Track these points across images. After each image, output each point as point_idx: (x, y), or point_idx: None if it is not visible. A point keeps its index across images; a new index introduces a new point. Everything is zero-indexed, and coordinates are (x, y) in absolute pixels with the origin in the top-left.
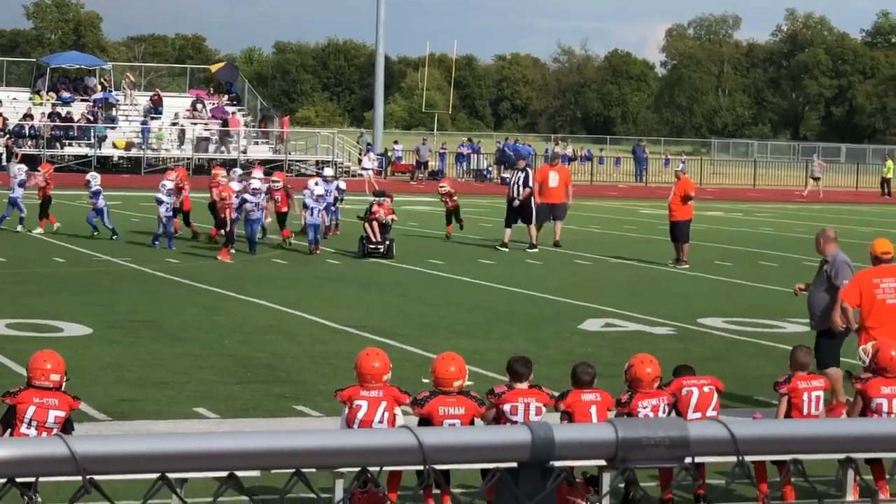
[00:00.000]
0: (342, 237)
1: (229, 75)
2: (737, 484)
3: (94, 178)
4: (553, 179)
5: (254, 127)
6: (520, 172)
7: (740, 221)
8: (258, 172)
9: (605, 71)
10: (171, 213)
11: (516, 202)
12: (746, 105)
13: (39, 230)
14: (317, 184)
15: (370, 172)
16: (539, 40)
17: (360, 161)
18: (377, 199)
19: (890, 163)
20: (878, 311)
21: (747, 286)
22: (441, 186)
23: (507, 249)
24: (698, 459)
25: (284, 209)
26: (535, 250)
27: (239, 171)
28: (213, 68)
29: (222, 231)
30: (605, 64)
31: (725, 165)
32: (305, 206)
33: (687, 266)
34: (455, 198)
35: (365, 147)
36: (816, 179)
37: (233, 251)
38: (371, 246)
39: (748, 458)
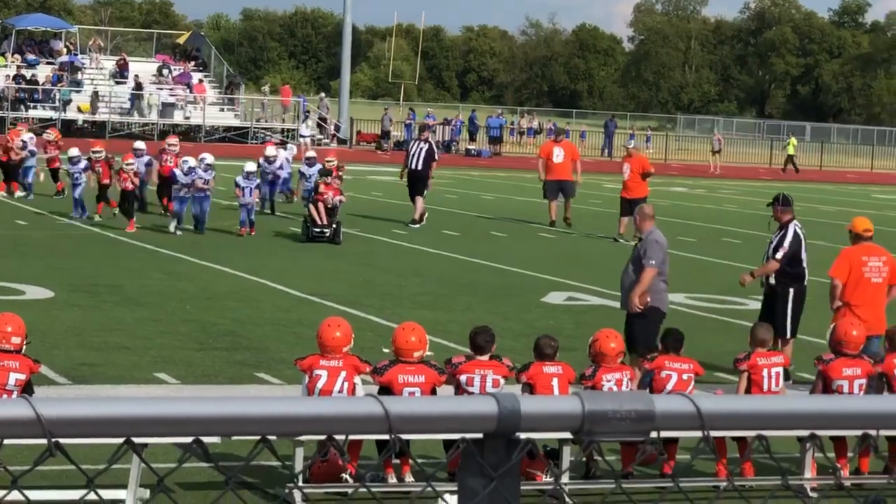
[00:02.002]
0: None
1: (196, 43)
2: (698, 460)
3: (31, 138)
4: (557, 155)
5: (220, 93)
6: (422, 143)
7: (704, 198)
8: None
9: (573, 45)
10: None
11: (429, 183)
12: (713, 82)
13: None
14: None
15: (307, 140)
16: (507, 13)
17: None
18: (324, 178)
19: (793, 139)
20: (862, 289)
21: (710, 263)
22: (328, 160)
23: (417, 226)
24: (667, 435)
25: (106, 181)
26: (417, 226)
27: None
28: (181, 40)
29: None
30: (572, 38)
31: (690, 142)
32: (237, 185)
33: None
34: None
35: (303, 114)
36: (717, 153)
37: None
38: (316, 230)
39: (713, 434)
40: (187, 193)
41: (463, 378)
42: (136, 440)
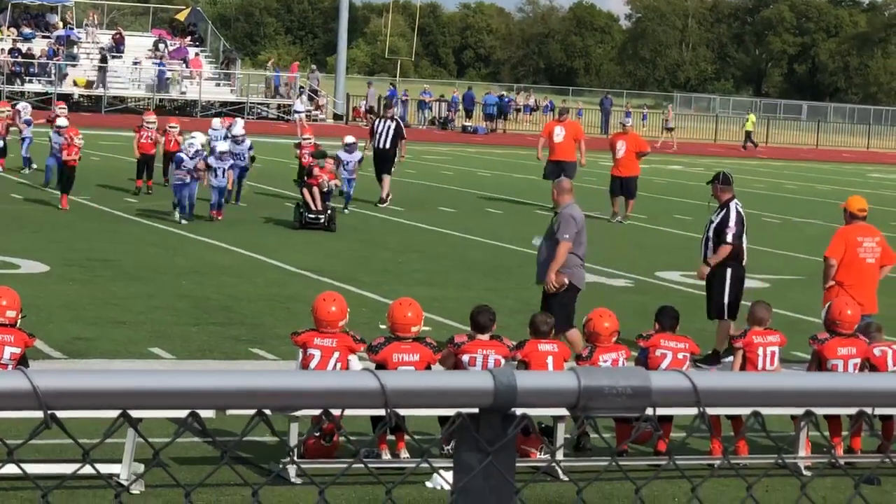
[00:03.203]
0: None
1: (196, 20)
2: (692, 438)
3: (26, 108)
4: (558, 134)
5: (216, 68)
6: (389, 122)
7: (701, 176)
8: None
9: (570, 22)
10: None
11: (397, 161)
12: (709, 60)
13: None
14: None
15: (302, 115)
16: None
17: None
18: (317, 161)
19: (752, 116)
20: (857, 270)
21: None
22: (305, 138)
23: (384, 205)
24: (662, 412)
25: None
26: (385, 204)
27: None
28: (181, 16)
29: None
30: (569, 15)
31: (687, 120)
32: (209, 167)
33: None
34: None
35: (298, 89)
36: (670, 130)
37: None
38: (310, 216)
39: (708, 411)
40: (189, 178)
41: (465, 357)
42: (132, 413)
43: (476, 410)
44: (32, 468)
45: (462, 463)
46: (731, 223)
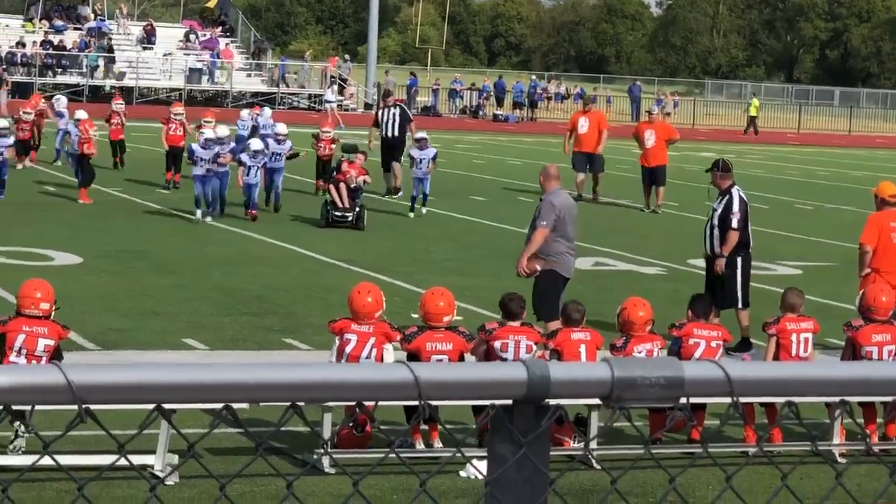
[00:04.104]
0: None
1: (226, 9)
2: (726, 425)
3: (59, 100)
4: (582, 125)
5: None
6: (392, 109)
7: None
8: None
9: (600, 10)
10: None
11: (403, 147)
12: (741, 47)
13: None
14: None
15: (333, 105)
16: None
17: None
18: (347, 155)
19: (755, 101)
20: (891, 255)
21: None
22: (324, 131)
23: (397, 196)
24: (695, 401)
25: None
26: (398, 195)
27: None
28: (210, 4)
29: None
30: (599, 2)
31: (718, 107)
32: (241, 163)
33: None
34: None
35: (329, 79)
36: (667, 115)
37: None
38: (337, 213)
39: (741, 399)
40: (206, 171)
41: (497, 344)
42: (166, 406)
43: (510, 402)
44: (67, 460)
45: (496, 454)
46: (735, 209)
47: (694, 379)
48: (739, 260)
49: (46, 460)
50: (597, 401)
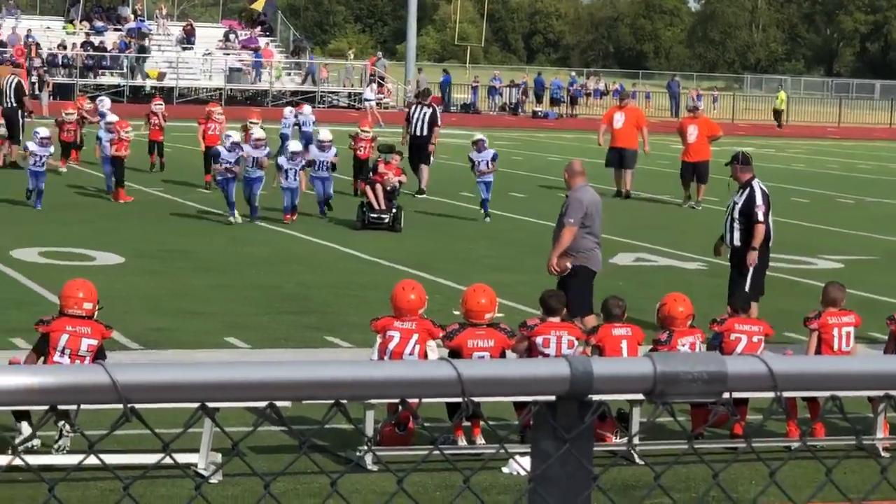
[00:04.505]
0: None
1: (270, 11)
2: (768, 420)
3: (103, 101)
4: (617, 120)
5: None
6: (425, 108)
7: (772, 157)
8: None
9: (638, 5)
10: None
11: (430, 147)
12: (780, 41)
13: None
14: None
15: (372, 103)
16: None
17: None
18: (383, 155)
19: (782, 94)
20: None
21: (778, 222)
22: (363, 131)
23: (422, 196)
24: (737, 396)
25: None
26: (423, 196)
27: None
28: (257, 6)
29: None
30: None
31: (758, 101)
32: (279, 167)
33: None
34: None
35: (368, 77)
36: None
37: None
38: (373, 215)
39: (784, 394)
40: (230, 174)
41: (539, 339)
42: (210, 405)
43: (553, 398)
44: (111, 459)
45: (540, 450)
46: (759, 201)
47: (737, 374)
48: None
49: (90, 459)
50: (639, 396)
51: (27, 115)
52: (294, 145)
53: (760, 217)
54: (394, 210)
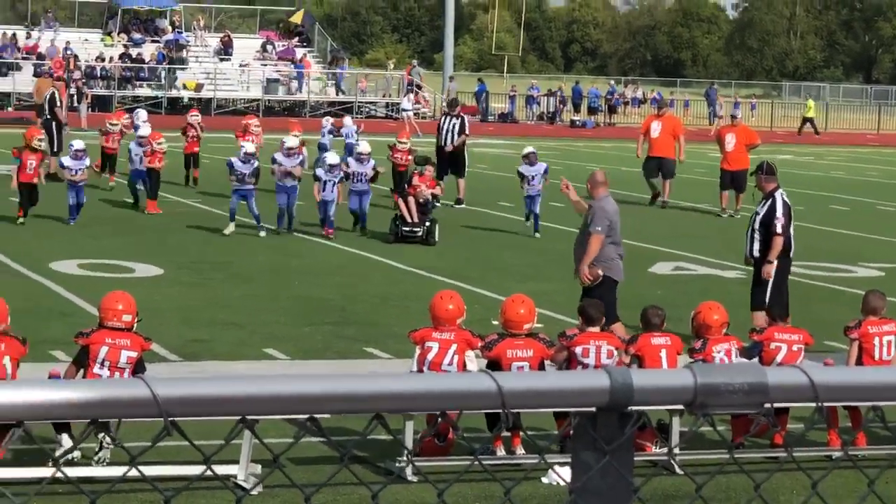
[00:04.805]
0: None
1: (308, 23)
2: (809, 430)
3: (138, 114)
4: (654, 130)
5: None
6: (454, 119)
7: (811, 165)
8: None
9: (676, 13)
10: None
11: (448, 148)
12: (818, 48)
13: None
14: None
15: (410, 114)
16: None
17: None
18: (418, 167)
19: (811, 102)
20: None
21: (818, 230)
22: (401, 142)
23: (460, 207)
24: (778, 405)
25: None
26: (462, 206)
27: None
28: (296, 18)
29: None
30: (675, 6)
31: (796, 108)
32: (317, 179)
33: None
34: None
35: (405, 87)
36: (719, 118)
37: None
38: (405, 228)
39: (825, 404)
40: (244, 185)
41: (578, 349)
42: (250, 417)
43: (593, 409)
44: (150, 471)
45: (580, 461)
46: (779, 213)
47: (777, 385)
48: (775, 264)
49: (130, 471)
50: (678, 406)
51: (62, 127)
52: (332, 157)
53: (779, 229)
54: (427, 223)
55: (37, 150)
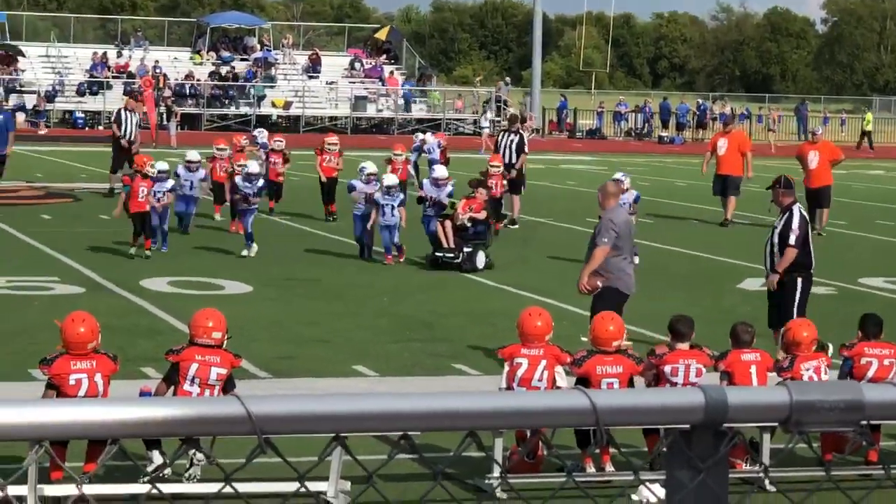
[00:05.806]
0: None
1: (395, 39)
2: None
3: (261, 133)
4: (721, 147)
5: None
6: (512, 135)
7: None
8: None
9: (764, 28)
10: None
11: (513, 172)
12: None
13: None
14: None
15: (488, 131)
16: None
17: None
18: (477, 190)
19: (869, 115)
20: None
21: None
22: (493, 165)
23: (514, 227)
24: (873, 423)
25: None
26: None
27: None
28: (381, 35)
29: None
30: (763, 21)
31: (888, 123)
32: (377, 204)
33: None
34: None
35: (482, 105)
36: (771, 131)
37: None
38: (439, 254)
39: None
40: (246, 204)
41: (667, 368)
42: (343, 435)
43: (687, 427)
44: (242, 487)
45: (674, 479)
46: (795, 226)
47: (874, 402)
48: (800, 281)
49: (218, 487)
50: (772, 424)
51: (129, 147)
52: (389, 178)
53: (792, 241)
54: (466, 249)
55: (147, 176)
